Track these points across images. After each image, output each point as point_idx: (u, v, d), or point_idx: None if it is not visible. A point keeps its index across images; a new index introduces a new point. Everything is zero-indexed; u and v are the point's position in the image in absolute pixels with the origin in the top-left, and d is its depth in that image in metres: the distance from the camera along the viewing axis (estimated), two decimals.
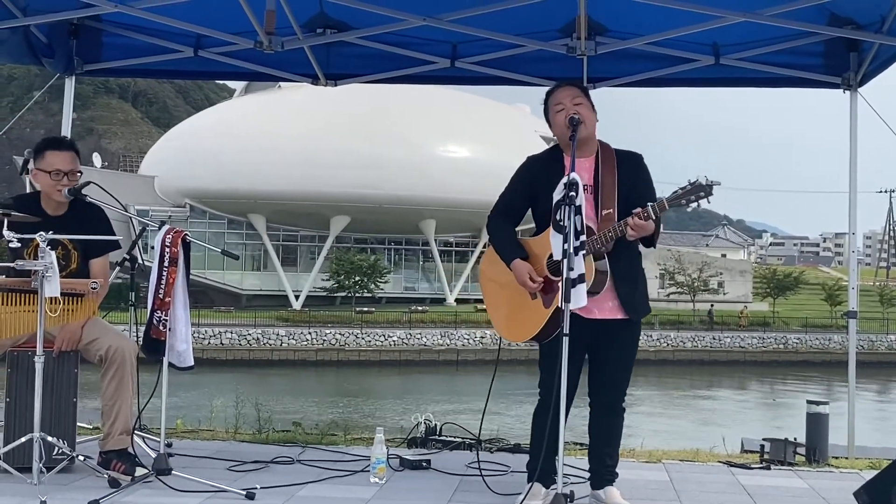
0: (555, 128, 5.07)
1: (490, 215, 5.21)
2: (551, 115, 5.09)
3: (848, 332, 7.25)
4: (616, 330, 4.99)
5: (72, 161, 5.71)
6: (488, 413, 5.81)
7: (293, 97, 61.46)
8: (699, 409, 38.79)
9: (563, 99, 5.03)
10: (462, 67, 7.22)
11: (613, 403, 5.12)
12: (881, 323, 64.45)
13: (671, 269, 71.61)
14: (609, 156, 5.07)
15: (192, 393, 28.40)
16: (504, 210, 5.20)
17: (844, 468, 6.44)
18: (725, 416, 35.60)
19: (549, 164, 5.07)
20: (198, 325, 49.17)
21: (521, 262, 4.98)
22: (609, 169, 5.02)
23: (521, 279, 4.95)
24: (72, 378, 5.58)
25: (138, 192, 62.75)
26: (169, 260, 5.37)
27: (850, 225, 7.16)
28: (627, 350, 5.10)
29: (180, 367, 5.48)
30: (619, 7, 6.21)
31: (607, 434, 5.15)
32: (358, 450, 6.46)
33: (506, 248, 5.08)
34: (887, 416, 35.30)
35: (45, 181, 5.65)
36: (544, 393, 5.05)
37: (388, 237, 70.71)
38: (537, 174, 5.10)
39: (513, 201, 5.19)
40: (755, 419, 34.05)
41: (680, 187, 4.80)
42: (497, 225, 5.18)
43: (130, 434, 5.56)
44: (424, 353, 53.61)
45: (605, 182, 4.97)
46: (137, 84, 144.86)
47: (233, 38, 6.85)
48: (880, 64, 6.72)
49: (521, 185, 5.15)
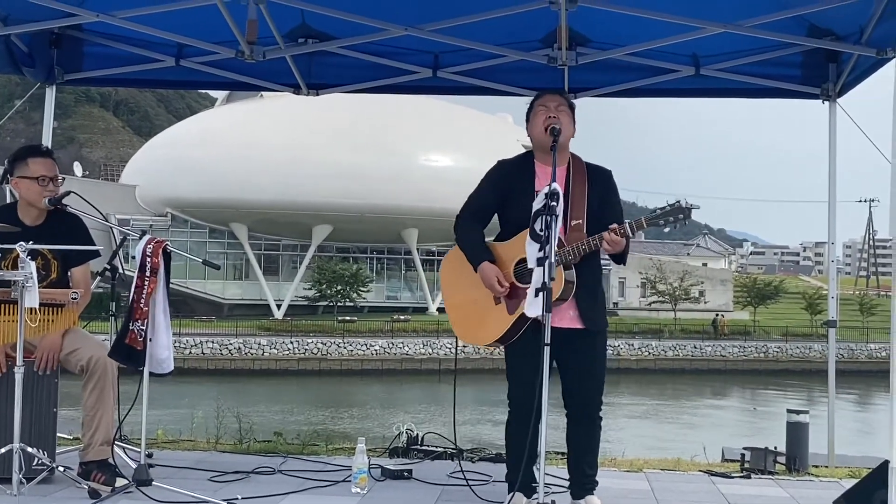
0: (533, 129, 5.09)
1: (459, 216, 5.21)
2: (532, 116, 5.11)
3: (828, 341, 7.29)
4: (576, 340, 5.00)
5: (53, 167, 5.74)
6: (470, 423, 5.84)
7: (275, 106, 61.35)
8: (680, 417, 38.87)
9: (548, 103, 5.07)
10: (444, 77, 7.24)
11: (588, 413, 5.12)
12: (861, 331, 64.72)
13: (652, 277, 71.80)
14: (580, 167, 5.11)
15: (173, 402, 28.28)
16: (474, 211, 5.20)
17: (825, 477, 6.46)
18: (706, 424, 35.66)
19: (521, 169, 5.11)
20: (179, 334, 49.01)
21: (489, 265, 4.99)
22: (580, 180, 5.05)
23: (489, 283, 4.96)
24: (52, 388, 5.55)
25: (119, 201, 62.51)
26: (150, 270, 5.36)
27: (830, 234, 7.21)
28: (592, 360, 5.09)
29: (161, 373, 5.47)
30: (600, 18, 6.23)
31: (585, 443, 5.15)
32: (339, 460, 6.45)
33: (474, 251, 5.08)
34: (867, 424, 35.42)
35: (31, 188, 5.63)
36: (513, 403, 5.10)
37: (370, 246, 70.65)
38: (509, 178, 5.13)
39: (483, 203, 5.19)
40: (736, 428, 34.11)
41: (659, 208, 4.90)
42: (466, 227, 5.18)
43: (111, 444, 5.54)
44: (406, 363, 53.56)
45: (575, 193, 5.01)
46: (119, 93, 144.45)
47: (214, 48, 6.84)
48: (859, 75, 6.77)
49: (492, 188, 5.17)
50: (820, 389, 39.90)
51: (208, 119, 71.11)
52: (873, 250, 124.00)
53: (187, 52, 7.16)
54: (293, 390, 44.26)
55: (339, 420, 34.26)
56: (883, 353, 58.00)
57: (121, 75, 7.44)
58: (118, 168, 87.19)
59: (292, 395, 42.34)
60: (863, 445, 21.63)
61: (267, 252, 69.21)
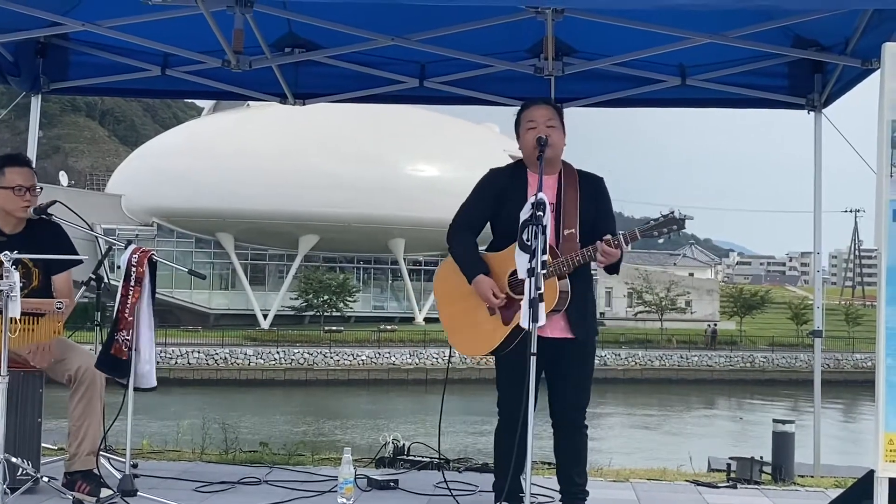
0: (523, 144, 5.06)
1: (452, 227, 5.16)
2: (522, 131, 5.07)
3: (814, 351, 7.31)
4: (567, 349, 4.99)
5: (31, 176, 5.69)
6: (456, 432, 5.84)
7: (262, 116, 61.31)
8: (667, 427, 38.89)
9: (538, 118, 5.02)
10: (431, 87, 7.24)
11: (575, 422, 5.11)
12: (847, 342, 64.85)
13: (639, 288, 71.88)
14: (572, 176, 5.09)
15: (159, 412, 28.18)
16: (467, 222, 5.16)
17: (810, 487, 6.47)
18: (693, 434, 35.70)
19: (513, 179, 5.09)
20: (164, 344, 48.85)
21: (483, 277, 4.97)
22: (571, 188, 5.04)
23: (485, 295, 4.94)
24: (37, 398, 5.52)
25: (105, 210, 62.36)
26: (134, 279, 5.34)
27: (816, 244, 7.23)
28: (582, 370, 5.09)
29: (143, 388, 5.45)
30: (587, 28, 6.24)
31: (573, 453, 5.14)
32: (325, 470, 6.43)
33: (468, 263, 5.05)
34: (853, 434, 35.49)
35: (8, 198, 5.60)
36: (503, 412, 5.10)
37: (357, 256, 70.59)
38: (500, 188, 5.11)
39: (475, 213, 5.16)
40: (722, 437, 34.14)
41: (653, 219, 4.88)
42: (460, 239, 5.13)
43: (96, 455, 5.51)
44: (393, 373, 53.45)
45: (567, 201, 4.99)
46: (105, 102, 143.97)
47: (201, 57, 6.84)
48: (844, 85, 6.79)
49: (483, 198, 5.14)
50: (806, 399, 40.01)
51: (195, 128, 71.02)
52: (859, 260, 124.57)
53: (173, 62, 7.15)
54: (279, 400, 44.16)
55: (325, 430, 34.18)
56: (868, 363, 58.13)
57: (107, 84, 7.43)
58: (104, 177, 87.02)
59: (278, 405, 42.24)
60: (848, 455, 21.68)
61: (253, 262, 69.10)
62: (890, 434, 4.37)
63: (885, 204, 4.40)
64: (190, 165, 62.56)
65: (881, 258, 4.31)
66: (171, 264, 6.56)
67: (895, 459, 4.36)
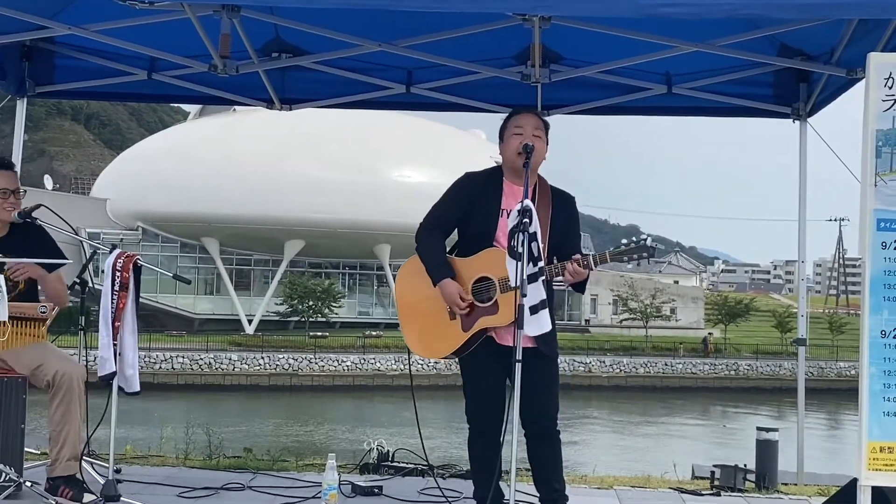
0: (506, 149, 5.06)
1: (422, 226, 5.15)
2: (507, 135, 5.07)
3: (797, 359, 7.33)
4: (531, 359, 4.91)
5: (14, 179, 5.68)
6: (441, 438, 5.82)
7: (248, 121, 61.21)
8: (651, 434, 38.93)
9: (525, 125, 5.03)
10: (417, 93, 7.25)
11: (547, 428, 5.09)
12: (831, 350, 65.10)
13: (624, 295, 71.96)
14: (545, 190, 5.11)
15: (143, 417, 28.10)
16: (437, 224, 5.15)
17: (794, 494, 6.49)
18: (677, 441, 35.77)
19: (487, 185, 5.09)
20: (149, 349, 48.76)
21: (450, 281, 4.96)
22: (544, 203, 5.04)
23: (452, 300, 4.93)
24: (20, 404, 5.49)
25: (90, 214, 62.19)
26: (119, 285, 5.33)
27: (800, 253, 7.26)
28: (547, 378, 5.06)
29: (127, 392, 5.44)
30: (574, 35, 6.26)
31: (549, 459, 5.12)
32: (310, 476, 6.43)
33: (435, 265, 5.03)
34: (836, 442, 35.62)
35: None
36: (471, 419, 5.11)
37: (342, 261, 70.49)
38: (474, 192, 5.10)
39: (447, 215, 5.15)
40: (706, 445, 34.22)
41: (623, 243, 4.90)
42: (429, 239, 5.12)
43: (79, 460, 5.49)
44: (378, 378, 53.36)
45: (539, 215, 4.99)
46: (90, 106, 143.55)
47: (187, 62, 6.83)
48: (829, 94, 6.83)
49: (457, 201, 5.14)
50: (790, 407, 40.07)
51: (180, 133, 70.86)
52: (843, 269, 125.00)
53: (160, 66, 7.14)
54: (264, 406, 44.05)
55: (309, 436, 34.11)
56: (852, 371, 58.32)
57: (93, 88, 7.41)
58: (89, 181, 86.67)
59: (263, 410, 42.13)
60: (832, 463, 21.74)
61: (238, 267, 68.93)
62: (873, 443, 4.39)
63: (870, 213, 4.42)
64: (175, 170, 62.40)
65: (865, 267, 4.33)
66: (155, 269, 6.53)
67: (878, 468, 4.38)
